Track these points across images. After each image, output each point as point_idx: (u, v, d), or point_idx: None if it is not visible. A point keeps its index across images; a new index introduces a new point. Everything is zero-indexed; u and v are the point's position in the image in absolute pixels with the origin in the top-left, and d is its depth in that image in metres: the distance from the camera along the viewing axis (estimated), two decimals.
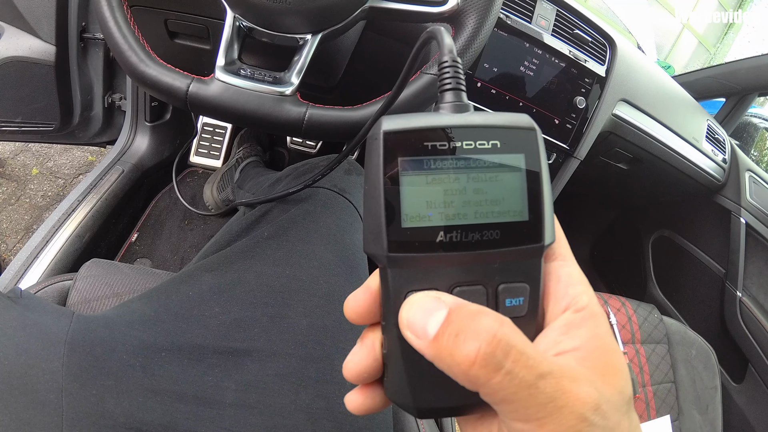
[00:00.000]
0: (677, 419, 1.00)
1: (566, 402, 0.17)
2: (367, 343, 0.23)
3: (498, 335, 0.17)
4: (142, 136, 1.17)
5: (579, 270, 0.22)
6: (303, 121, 0.48)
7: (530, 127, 0.21)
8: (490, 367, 0.17)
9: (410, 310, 0.19)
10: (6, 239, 1.44)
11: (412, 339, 0.19)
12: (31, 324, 0.40)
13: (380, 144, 0.20)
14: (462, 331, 0.18)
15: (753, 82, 1.37)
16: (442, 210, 0.20)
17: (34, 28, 0.87)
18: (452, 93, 0.22)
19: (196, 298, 0.48)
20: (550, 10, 0.86)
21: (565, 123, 0.91)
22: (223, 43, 0.47)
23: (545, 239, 0.21)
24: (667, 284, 1.52)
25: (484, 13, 0.49)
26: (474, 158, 0.20)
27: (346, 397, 0.24)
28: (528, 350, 0.18)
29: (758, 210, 1.24)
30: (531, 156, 0.20)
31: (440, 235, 0.20)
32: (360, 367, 0.23)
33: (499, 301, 0.21)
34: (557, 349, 0.20)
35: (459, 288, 0.20)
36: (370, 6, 0.47)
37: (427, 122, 0.20)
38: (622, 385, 0.19)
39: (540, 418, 0.17)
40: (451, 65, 0.23)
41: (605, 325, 0.21)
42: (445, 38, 0.23)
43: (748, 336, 1.22)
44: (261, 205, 0.63)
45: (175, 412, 0.40)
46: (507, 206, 0.20)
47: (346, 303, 0.23)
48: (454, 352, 0.18)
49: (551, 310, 0.22)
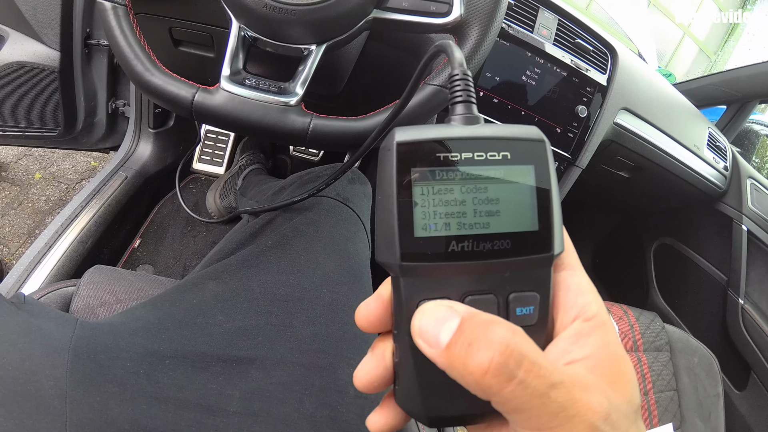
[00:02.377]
0: (680, 427, 1.00)
1: (577, 411, 0.17)
2: (378, 353, 0.23)
3: (511, 345, 0.18)
4: (146, 142, 1.17)
5: (588, 279, 0.23)
6: (307, 132, 0.48)
7: (539, 139, 0.21)
8: (503, 376, 0.17)
9: (423, 319, 0.19)
10: (8, 243, 1.45)
11: (424, 347, 0.19)
12: (35, 330, 0.40)
13: (393, 155, 0.20)
14: (475, 340, 0.18)
15: (754, 89, 1.37)
16: (454, 220, 0.20)
17: (38, 33, 0.87)
18: (463, 105, 0.23)
19: (200, 306, 0.48)
20: (551, 20, 0.87)
21: (567, 132, 0.92)
22: (229, 52, 0.47)
23: (555, 249, 0.21)
24: (669, 292, 1.51)
25: (487, 24, 0.49)
26: (485, 169, 0.20)
27: (368, 419, 0.24)
28: (540, 360, 0.18)
29: (760, 217, 1.24)
30: (540, 167, 0.21)
31: (452, 245, 0.20)
32: (371, 376, 0.23)
33: (510, 309, 0.21)
34: (567, 359, 0.20)
35: (471, 297, 0.21)
36: (374, 17, 0.48)
37: (440, 134, 0.20)
38: (631, 394, 0.20)
39: (552, 428, 0.17)
40: (461, 78, 0.23)
41: (614, 333, 0.21)
42: (455, 52, 0.24)
43: (750, 343, 1.22)
44: (264, 213, 0.63)
45: (179, 419, 0.40)
46: (517, 216, 0.20)
47: (358, 311, 0.23)
48: (467, 362, 0.18)
49: (561, 319, 0.22)
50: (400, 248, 0.20)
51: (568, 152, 0.94)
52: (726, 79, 1.42)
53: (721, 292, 1.31)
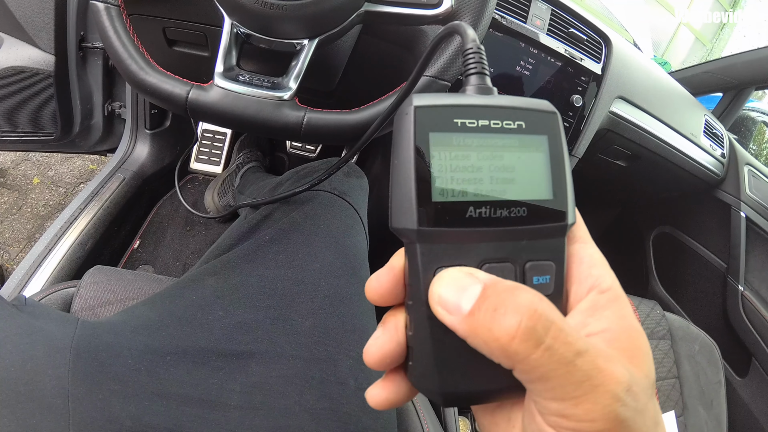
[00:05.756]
0: (682, 415, 1.00)
1: (602, 381, 0.17)
2: (390, 327, 0.22)
3: (539, 310, 0.17)
4: (143, 143, 1.18)
5: (600, 252, 0.22)
6: (302, 125, 0.48)
7: (552, 111, 0.21)
8: (531, 341, 0.17)
9: (442, 286, 0.19)
10: (8, 249, 1.45)
11: (443, 315, 0.19)
12: (37, 331, 0.41)
13: (411, 119, 0.20)
14: (501, 305, 0.18)
15: (750, 75, 1.37)
16: (472, 186, 0.20)
17: (33, 38, 0.87)
18: (477, 77, 0.23)
19: (199, 302, 0.49)
20: (545, 10, 0.87)
21: (563, 121, 0.92)
22: (222, 49, 0.48)
23: (569, 218, 0.21)
24: (668, 280, 1.52)
25: (478, 15, 0.49)
26: (501, 137, 0.20)
27: (368, 391, 0.23)
28: (566, 327, 0.18)
29: (758, 203, 1.24)
30: (554, 138, 0.21)
31: (470, 211, 0.20)
32: (383, 351, 0.22)
33: (527, 278, 0.21)
34: (586, 331, 0.20)
35: (488, 264, 0.20)
36: (365, 10, 0.48)
37: (457, 100, 0.21)
38: (648, 368, 0.19)
39: (576, 397, 0.17)
40: (475, 51, 0.23)
41: (629, 307, 0.21)
42: (468, 30, 0.24)
43: (751, 330, 1.22)
44: (262, 209, 0.63)
45: (181, 415, 0.40)
46: (533, 185, 0.21)
47: (368, 283, 0.23)
48: (492, 327, 0.17)
49: (575, 291, 0.21)
50: (417, 213, 0.20)
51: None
52: (721, 66, 1.42)
53: (720, 279, 1.32)
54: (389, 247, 0.24)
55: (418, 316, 0.21)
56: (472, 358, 0.19)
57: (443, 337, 0.20)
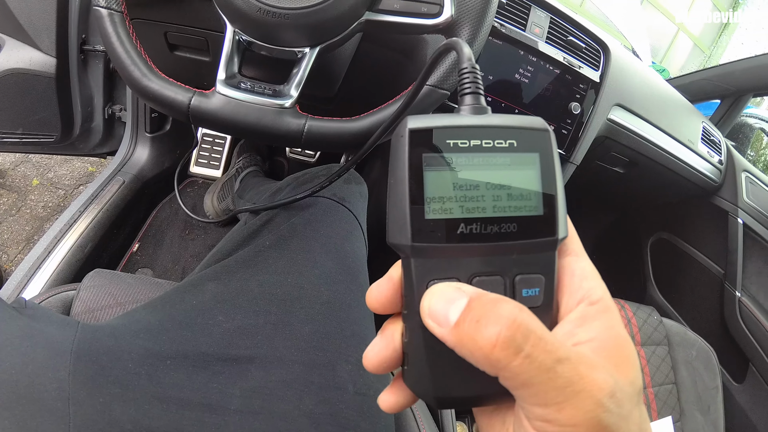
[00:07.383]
0: (679, 420, 1.00)
1: (584, 387, 0.18)
2: (388, 334, 0.24)
3: (518, 320, 0.18)
4: (143, 146, 1.18)
5: (592, 265, 0.23)
6: (303, 133, 0.48)
7: (544, 128, 0.22)
8: (511, 350, 0.18)
9: (432, 299, 0.20)
10: (7, 250, 1.45)
11: (433, 327, 0.20)
12: (37, 334, 0.41)
13: (406, 141, 0.21)
14: (483, 316, 0.19)
15: (748, 82, 1.37)
16: (463, 203, 0.21)
17: (34, 40, 0.88)
18: (471, 96, 0.24)
19: (199, 306, 0.49)
20: (543, 18, 0.87)
21: (561, 129, 0.92)
22: (224, 57, 0.48)
23: (559, 233, 0.22)
24: (666, 286, 1.52)
25: (478, 24, 0.50)
26: (492, 156, 0.21)
27: (379, 398, 0.25)
28: (546, 335, 0.18)
29: (755, 210, 1.25)
30: (545, 155, 0.22)
31: (461, 227, 0.21)
32: (380, 357, 0.23)
33: (516, 291, 0.22)
34: (573, 341, 0.21)
35: (478, 278, 0.21)
36: (366, 19, 0.48)
37: (450, 122, 0.21)
38: (633, 376, 0.20)
39: (558, 402, 0.18)
40: (470, 71, 0.24)
41: (618, 318, 0.21)
42: (464, 48, 0.25)
43: (748, 336, 1.22)
44: (262, 214, 0.63)
45: (181, 418, 0.40)
46: (523, 201, 0.21)
47: (369, 292, 0.24)
48: (475, 337, 0.18)
49: (565, 302, 0.22)
50: (411, 229, 0.21)
51: (562, 149, 0.94)
52: (719, 73, 1.43)
53: (718, 285, 1.32)
54: (387, 252, 0.25)
55: (412, 325, 0.22)
56: (463, 365, 0.20)
57: (436, 345, 0.20)
